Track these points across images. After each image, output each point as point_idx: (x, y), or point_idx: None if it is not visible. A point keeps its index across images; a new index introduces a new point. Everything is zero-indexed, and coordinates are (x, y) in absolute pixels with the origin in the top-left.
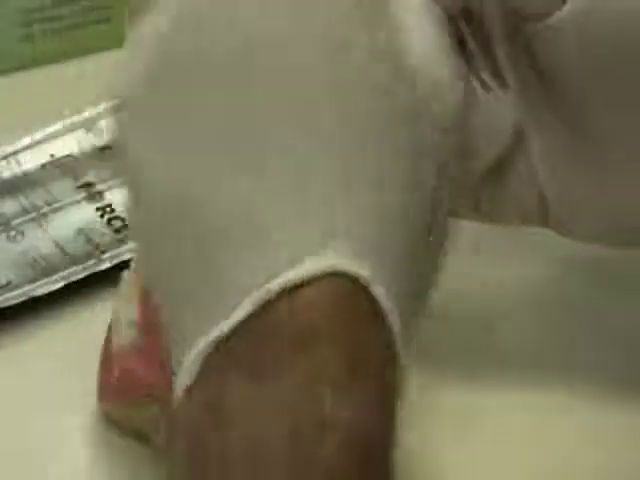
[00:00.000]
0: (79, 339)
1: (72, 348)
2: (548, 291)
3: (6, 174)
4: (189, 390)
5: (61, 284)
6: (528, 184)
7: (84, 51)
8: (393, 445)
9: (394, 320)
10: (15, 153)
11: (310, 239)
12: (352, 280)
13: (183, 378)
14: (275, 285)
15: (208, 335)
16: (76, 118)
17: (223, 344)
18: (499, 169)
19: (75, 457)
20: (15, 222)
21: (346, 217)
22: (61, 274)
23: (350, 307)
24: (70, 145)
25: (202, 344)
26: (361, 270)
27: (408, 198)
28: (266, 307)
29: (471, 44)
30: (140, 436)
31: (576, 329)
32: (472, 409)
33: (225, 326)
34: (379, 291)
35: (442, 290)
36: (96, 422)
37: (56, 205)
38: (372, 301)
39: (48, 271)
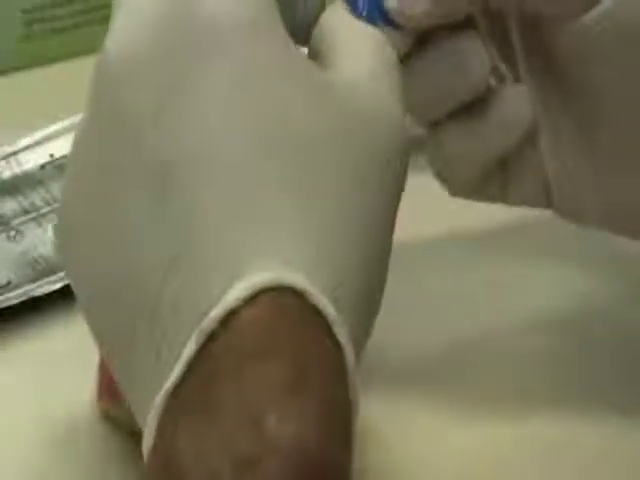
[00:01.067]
0: (79, 339)
1: (72, 348)
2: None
3: (6, 174)
4: (153, 446)
5: (61, 284)
6: (535, 173)
7: (84, 51)
8: (347, 460)
9: (340, 330)
10: (15, 153)
11: (242, 257)
12: (292, 292)
13: (148, 437)
14: (213, 316)
15: (161, 390)
16: (76, 118)
17: (175, 394)
18: (507, 157)
19: (74, 456)
20: (15, 222)
21: (280, 229)
22: (61, 274)
23: (292, 320)
24: (70, 145)
25: (157, 400)
26: (299, 280)
27: (352, 204)
28: (208, 340)
29: (487, 36)
30: (139, 435)
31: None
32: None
33: (174, 375)
34: (321, 301)
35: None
36: (95, 421)
37: (56, 205)
38: (315, 311)
39: (48, 271)
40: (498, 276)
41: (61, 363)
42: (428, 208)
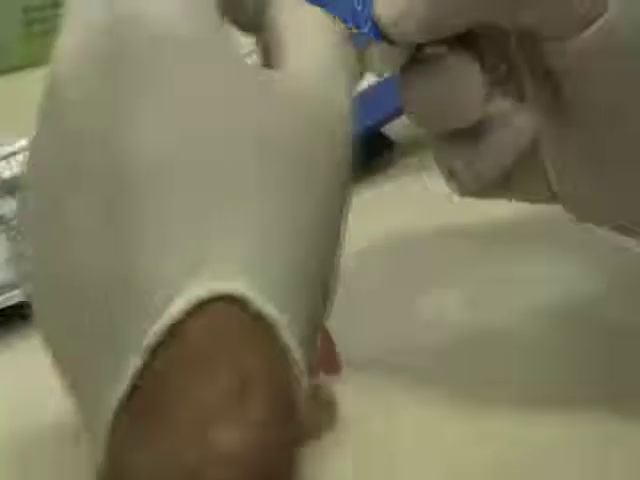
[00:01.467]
0: None
1: None
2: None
3: (6, 174)
4: (104, 461)
5: None
6: (537, 176)
7: None
8: (296, 464)
9: (285, 332)
10: (15, 153)
11: (183, 269)
12: (232, 300)
13: (99, 451)
14: (155, 331)
15: (108, 404)
16: None
17: (124, 409)
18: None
19: (74, 455)
20: (15, 222)
21: (224, 237)
22: None
23: (233, 328)
24: None
25: (107, 415)
26: (238, 288)
27: (300, 206)
28: (152, 355)
29: (489, 54)
30: None
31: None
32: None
33: (120, 390)
34: (263, 305)
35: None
36: None
37: None
38: (258, 316)
39: None
40: (498, 274)
41: None
42: (428, 208)
